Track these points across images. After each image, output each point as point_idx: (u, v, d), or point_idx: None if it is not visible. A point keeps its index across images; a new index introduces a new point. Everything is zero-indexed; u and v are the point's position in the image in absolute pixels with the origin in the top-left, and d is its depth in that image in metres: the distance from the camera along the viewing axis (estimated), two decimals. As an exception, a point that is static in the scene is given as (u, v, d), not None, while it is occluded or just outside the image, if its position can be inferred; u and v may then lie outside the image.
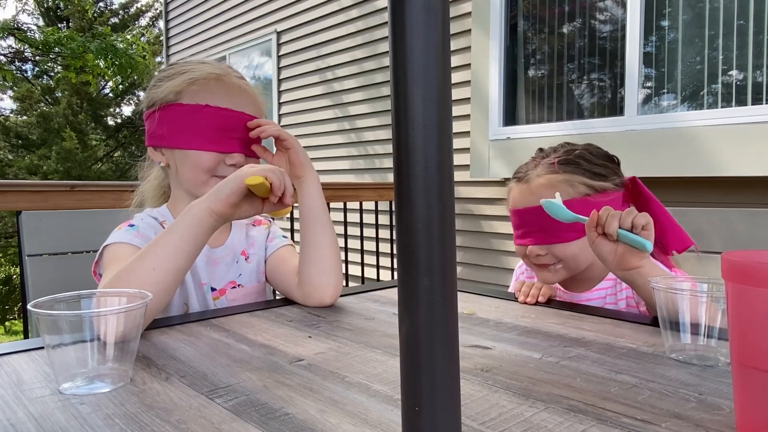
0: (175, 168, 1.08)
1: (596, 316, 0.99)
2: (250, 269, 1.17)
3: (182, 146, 1.05)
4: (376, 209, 3.51)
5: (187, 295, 1.09)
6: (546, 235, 1.12)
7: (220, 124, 1.04)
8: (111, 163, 15.37)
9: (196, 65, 1.09)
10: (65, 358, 0.63)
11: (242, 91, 1.09)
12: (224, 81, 1.07)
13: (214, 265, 1.12)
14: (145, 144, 1.12)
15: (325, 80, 4.66)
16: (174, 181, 1.13)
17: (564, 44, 3.22)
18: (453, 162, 0.35)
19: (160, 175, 1.19)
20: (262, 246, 1.20)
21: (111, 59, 9.07)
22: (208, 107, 1.03)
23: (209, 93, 1.04)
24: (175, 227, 0.90)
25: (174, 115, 1.04)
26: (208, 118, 1.03)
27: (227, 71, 1.10)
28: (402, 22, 0.33)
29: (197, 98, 1.04)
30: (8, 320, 12.34)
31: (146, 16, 16.76)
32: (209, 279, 1.12)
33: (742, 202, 2.39)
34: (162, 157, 1.10)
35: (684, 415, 0.56)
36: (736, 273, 0.48)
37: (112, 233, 1.04)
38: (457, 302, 0.35)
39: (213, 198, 0.90)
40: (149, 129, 1.09)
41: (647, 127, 2.67)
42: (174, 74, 1.07)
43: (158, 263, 0.86)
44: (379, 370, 0.70)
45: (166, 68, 1.12)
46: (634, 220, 0.91)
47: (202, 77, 1.05)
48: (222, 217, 0.91)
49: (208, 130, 1.03)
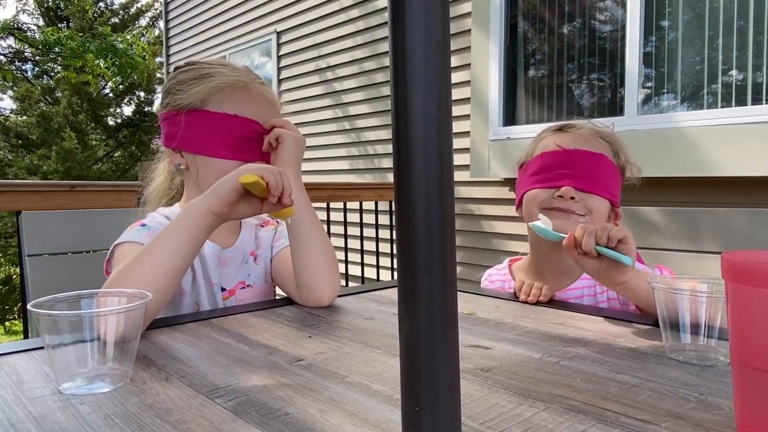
0: (196, 172, 1.09)
1: (596, 316, 0.99)
2: (259, 270, 1.18)
3: (208, 153, 1.06)
4: (376, 209, 3.51)
5: (198, 294, 1.10)
6: (589, 182, 1.12)
7: (245, 135, 1.06)
8: (111, 163, 15.37)
9: (219, 68, 1.09)
10: (65, 358, 0.63)
11: (266, 99, 1.12)
12: (250, 89, 1.09)
13: (224, 266, 1.13)
14: (163, 144, 1.12)
15: (325, 80, 4.66)
16: (192, 183, 1.12)
17: (564, 44, 3.22)
18: (453, 162, 0.35)
19: (169, 175, 1.20)
20: (268, 247, 1.21)
21: (111, 59, 9.06)
22: (236, 117, 1.05)
23: (236, 101, 1.06)
24: (173, 227, 0.89)
25: (201, 122, 1.05)
26: (235, 128, 1.05)
27: (251, 77, 1.11)
28: (402, 22, 0.33)
29: (224, 106, 1.05)
30: (8, 320, 12.33)
31: (146, 16, 16.76)
32: (220, 279, 1.12)
33: (742, 202, 2.38)
34: (182, 160, 1.10)
35: (684, 415, 0.56)
36: (736, 273, 0.48)
37: (124, 232, 1.05)
38: (457, 302, 0.35)
39: (211, 197, 0.90)
40: (169, 130, 1.09)
41: (647, 127, 2.67)
42: (197, 78, 1.07)
43: (156, 263, 0.86)
44: (379, 370, 0.70)
45: (185, 69, 1.12)
46: (609, 235, 0.89)
47: (228, 84, 1.06)
48: (220, 216, 0.90)
49: (234, 140, 1.06)
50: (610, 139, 1.20)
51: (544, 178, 1.15)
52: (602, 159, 1.14)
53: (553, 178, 1.14)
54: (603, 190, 1.13)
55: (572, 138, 1.17)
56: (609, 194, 1.14)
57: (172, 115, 1.07)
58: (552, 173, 1.14)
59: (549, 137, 1.20)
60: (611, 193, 1.15)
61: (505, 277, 1.32)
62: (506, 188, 3.34)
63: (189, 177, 1.13)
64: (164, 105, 1.10)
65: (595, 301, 1.18)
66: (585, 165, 1.12)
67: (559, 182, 1.13)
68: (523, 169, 1.24)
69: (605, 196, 1.14)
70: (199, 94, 1.05)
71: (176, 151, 1.10)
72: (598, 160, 1.13)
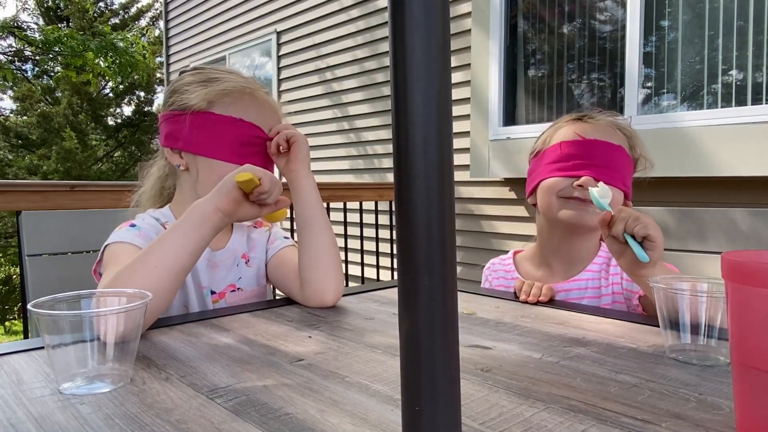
0: (195, 173, 1.09)
1: (596, 316, 0.99)
2: (251, 273, 1.18)
3: (211, 155, 1.06)
4: (376, 209, 3.51)
5: (187, 297, 1.09)
6: (608, 173, 1.13)
7: (249, 140, 1.07)
8: (111, 163, 15.37)
9: (226, 74, 1.10)
10: (65, 358, 0.63)
11: (270, 107, 1.12)
12: (255, 96, 1.10)
13: (214, 269, 1.12)
14: (162, 144, 1.12)
15: (325, 80, 4.66)
16: (188, 186, 1.12)
17: (564, 44, 3.22)
18: (453, 162, 0.35)
19: (161, 177, 1.19)
20: (262, 249, 1.20)
21: (111, 58, 9.05)
22: (242, 122, 1.06)
23: (242, 107, 1.07)
24: (179, 226, 0.90)
25: (206, 124, 1.05)
26: (240, 131, 1.06)
27: (256, 85, 1.12)
28: (402, 22, 0.33)
29: (230, 110, 1.06)
30: (8, 320, 12.34)
31: (146, 16, 16.77)
32: (209, 282, 1.12)
33: (742, 202, 2.38)
34: (181, 161, 1.10)
35: (684, 415, 0.56)
36: (736, 273, 0.48)
37: (113, 233, 1.04)
38: (457, 302, 0.35)
39: (216, 196, 0.91)
40: (171, 130, 1.09)
41: (647, 127, 2.67)
42: (205, 81, 1.08)
43: (161, 261, 0.86)
44: (379, 370, 0.70)
45: (193, 72, 1.12)
46: (635, 230, 0.90)
47: (236, 89, 1.07)
48: (227, 214, 0.92)
49: (237, 143, 1.06)
50: (627, 132, 1.21)
51: (563, 166, 1.16)
52: (620, 151, 1.15)
53: (572, 167, 1.15)
54: (619, 182, 1.14)
55: (591, 128, 1.18)
56: (624, 186, 1.16)
57: (176, 115, 1.07)
58: (571, 162, 1.15)
59: (568, 126, 1.20)
60: (626, 185, 1.17)
61: (508, 267, 1.33)
62: (506, 188, 3.34)
63: (186, 179, 1.12)
64: (168, 105, 1.10)
65: (600, 293, 1.19)
66: (604, 156, 1.14)
67: (578, 171, 1.14)
68: (539, 157, 1.24)
69: (621, 188, 1.15)
70: (206, 96, 1.05)
71: (175, 152, 1.10)
72: (616, 152, 1.15)
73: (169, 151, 1.10)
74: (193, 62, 6.52)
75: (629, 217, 0.92)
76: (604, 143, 1.14)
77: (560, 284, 1.21)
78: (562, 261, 1.24)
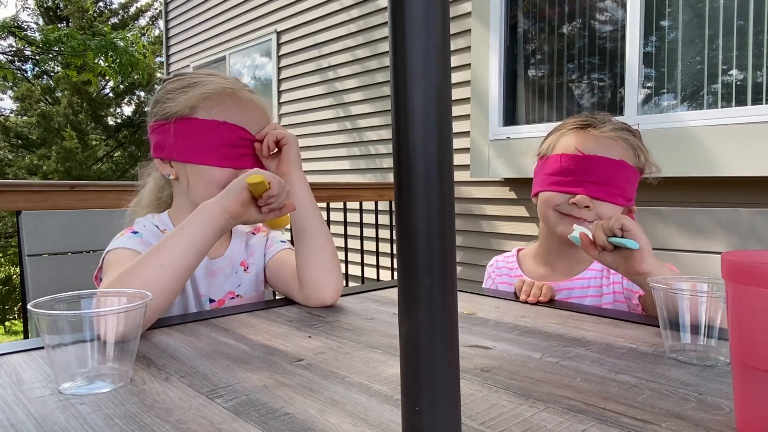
0: (185, 181, 1.07)
1: (596, 316, 0.99)
2: (249, 280, 1.17)
3: (198, 161, 1.04)
4: (376, 209, 3.51)
5: (185, 305, 1.09)
6: (605, 190, 1.13)
7: (235, 141, 1.04)
8: (111, 163, 15.36)
9: (206, 77, 1.08)
10: (65, 358, 0.63)
11: (255, 106, 1.10)
12: (238, 96, 1.07)
13: (212, 276, 1.12)
14: (152, 156, 1.10)
15: (325, 80, 4.66)
16: (181, 194, 1.11)
17: (564, 44, 3.22)
18: (453, 162, 0.35)
19: (159, 185, 1.18)
20: (261, 254, 1.20)
21: (111, 57, 9.04)
22: (226, 124, 1.03)
23: (224, 108, 1.05)
24: (186, 226, 0.90)
25: (189, 130, 1.03)
26: (225, 134, 1.03)
27: (239, 85, 1.10)
28: (402, 22, 0.33)
29: (212, 113, 1.04)
30: (8, 320, 12.33)
31: (146, 16, 16.77)
32: (208, 290, 1.11)
33: (742, 202, 2.38)
34: (171, 170, 1.08)
35: (684, 415, 0.56)
36: (736, 273, 0.48)
37: (114, 239, 1.04)
38: (457, 302, 0.35)
39: (224, 197, 0.91)
40: (158, 141, 1.07)
41: (647, 127, 2.66)
42: (185, 87, 1.06)
43: (167, 260, 0.86)
44: (379, 370, 0.70)
45: (174, 79, 1.10)
46: (611, 227, 0.93)
47: (216, 91, 1.05)
48: (233, 216, 0.92)
49: (223, 146, 1.04)
50: (632, 140, 1.20)
51: (561, 181, 1.17)
52: (621, 166, 1.14)
53: (569, 183, 1.16)
54: (618, 197, 1.14)
55: (593, 142, 1.16)
56: (624, 200, 1.16)
57: (161, 124, 1.06)
58: (569, 178, 1.16)
59: (570, 136, 1.20)
60: (626, 198, 1.17)
61: (511, 264, 1.33)
62: (506, 188, 3.34)
63: (179, 188, 1.11)
64: (153, 115, 1.08)
65: (601, 292, 1.19)
66: (603, 172, 1.13)
67: (575, 188, 1.15)
68: (543, 160, 1.24)
69: (619, 203, 1.15)
70: (187, 102, 1.03)
71: (165, 162, 1.08)
72: (616, 168, 1.14)
73: (160, 162, 1.09)
74: (193, 62, 6.52)
75: (602, 224, 0.95)
76: (604, 159, 1.14)
77: (563, 282, 1.21)
78: (564, 261, 1.25)
